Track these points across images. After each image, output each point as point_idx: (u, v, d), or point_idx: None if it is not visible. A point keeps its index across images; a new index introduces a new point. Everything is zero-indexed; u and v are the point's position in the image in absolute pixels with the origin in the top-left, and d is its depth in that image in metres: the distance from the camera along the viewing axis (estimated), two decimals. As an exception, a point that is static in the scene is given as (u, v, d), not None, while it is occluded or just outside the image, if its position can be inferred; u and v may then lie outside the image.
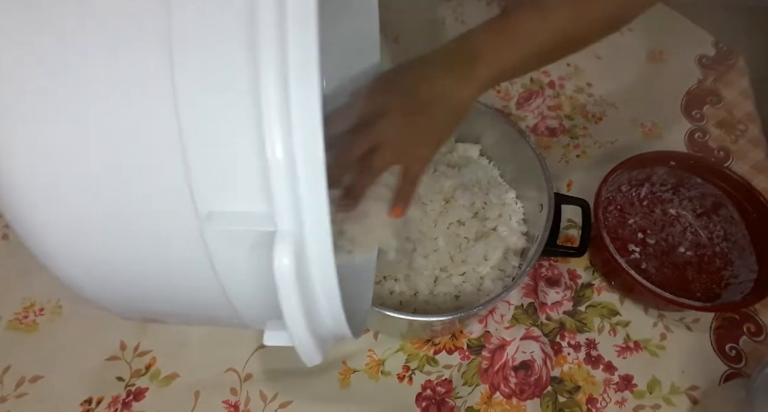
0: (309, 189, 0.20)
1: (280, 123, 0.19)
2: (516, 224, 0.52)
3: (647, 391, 0.48)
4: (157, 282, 0.24)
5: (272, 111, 0.19)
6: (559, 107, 0.67)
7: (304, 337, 0.22)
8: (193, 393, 0.47)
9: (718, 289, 0.52)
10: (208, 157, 0.20)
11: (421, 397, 0.47)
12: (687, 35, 0.72)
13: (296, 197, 0.20)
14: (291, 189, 0.20)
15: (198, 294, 0.24)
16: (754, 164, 0.62)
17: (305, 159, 0.19)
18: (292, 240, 0.20)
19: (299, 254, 0.21)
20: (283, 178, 0.19)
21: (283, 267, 0.20)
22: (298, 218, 0.20)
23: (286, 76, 0.19)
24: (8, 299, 0.51)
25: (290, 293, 0.21)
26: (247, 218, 0.21)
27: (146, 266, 0.23)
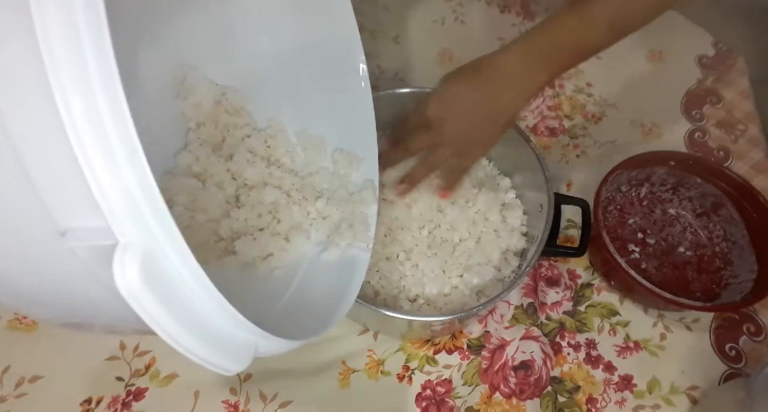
0: (143, 198, 0.19)
1: (93, 139, 0.18)
2: (516, 224, 0.52)
3: (647, 391, 0.48)
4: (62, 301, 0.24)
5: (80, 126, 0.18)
6: (559, 107, 0.67)
7: (191, 346, 0.21)
8: (192, 393, 0.47)
9: (718, 289, 0.52)
10: (47, 176, 0.20)
11: (420, 397, 0.47)
12: (687, 35, 0.72)
13: (134, 209, 0.19)
14: (123, 199, 0.19)
15: (83, 307, 0.24)
16: (754, 164, 0.62)
17: (131, 168, 0.19)
18: (138, 252, 0.19)
19: (156, 265, 0.20)
20: (109, 189, 0.19)
21: (127, 280, 0.19)
22: (146, 229, 0.19)
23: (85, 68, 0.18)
24: (8, 299, 0.51)
25: (147, 305, 0.19)
26: (89, 232, 0.20)
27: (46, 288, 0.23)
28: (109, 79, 0.18)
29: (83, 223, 0.20)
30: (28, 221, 0.21)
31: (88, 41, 0.18)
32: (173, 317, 0.20)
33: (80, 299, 0.24)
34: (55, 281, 0.23)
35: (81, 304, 0.24)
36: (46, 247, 0.21)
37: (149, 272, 0.19)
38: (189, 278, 0.21)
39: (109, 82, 0.18)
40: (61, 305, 0.24)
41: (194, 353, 0.21)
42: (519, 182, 0.54)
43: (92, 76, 0.18)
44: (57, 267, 0.22)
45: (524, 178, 0.53)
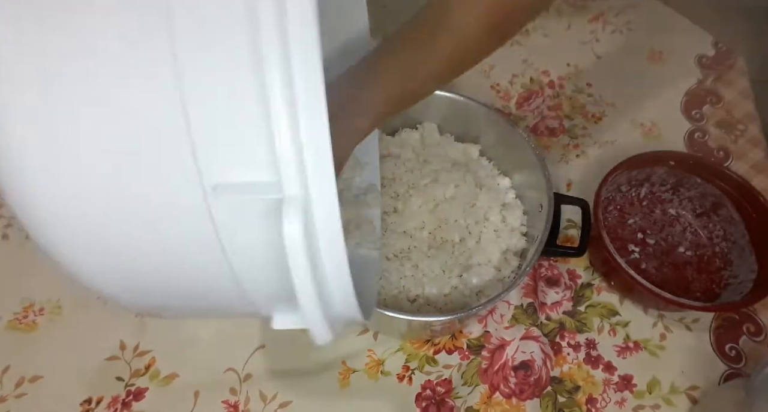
0: (314, 155, 0.20)
1: (282, 93, 0.19)
2: (516, 224, 0.52)
3: (647, 391, 0.48)
4: (163, 264, 0.23)
5: (275, 81, 0.19)
6: (559, 107, 0.67)
7: (314, 310, 0.22)
8: (192, 393, 0.47)
9: (718, 289, 0.52)
10: (212, 129, 0.20)
11: (420, 397, 0.47)
12: (687, 35, 0.72)
13: (302, 164, 0.20)
14: (296, 155, 0.20)
15: (206, 275, 0.24)
16: (754, 164, 0.62)
17: (309, 126, 0.19)
18: (300, 206, 0.20)
19: (307, 223, 0.20)
20: (288, 145, 0.19)
21: (293, 233, 0.20)
22: (304, 186, 0.20)
23: (287, 46, 0.19)
24: (8, 299, 0.51)
25: (300, 261, 0.20)
26: (254, 187, 0.20)
27: (152, 246, 0.23)
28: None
29: (242, 178, 0.20)
30: (176, 176, 0.21)
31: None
32: (311, 276, 0.21)
33: (191, 272, 0.24)
34: (176, 243, 0.22)
35: (190, 275, 0.24)
36: (185, 205, 0.21)
37: (306, 229, 0.20)
38: (327, 241, 0.21)
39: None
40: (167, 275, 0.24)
41: (313, 316, 0.22)
42: (519, 182, 0.54)
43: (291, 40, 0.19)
44: (184, 232, 0.22)
45: (524, 178, 0.53)
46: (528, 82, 0.69)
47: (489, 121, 0.53)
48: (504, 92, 0.68)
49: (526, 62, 0.70)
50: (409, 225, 0.50)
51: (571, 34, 0.73)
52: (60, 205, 0.21)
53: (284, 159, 0.20)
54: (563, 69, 0.70)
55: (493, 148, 0.56)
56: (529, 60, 0.70)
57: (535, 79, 0.69)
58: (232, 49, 0.19)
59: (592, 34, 0.73)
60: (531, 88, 0.68)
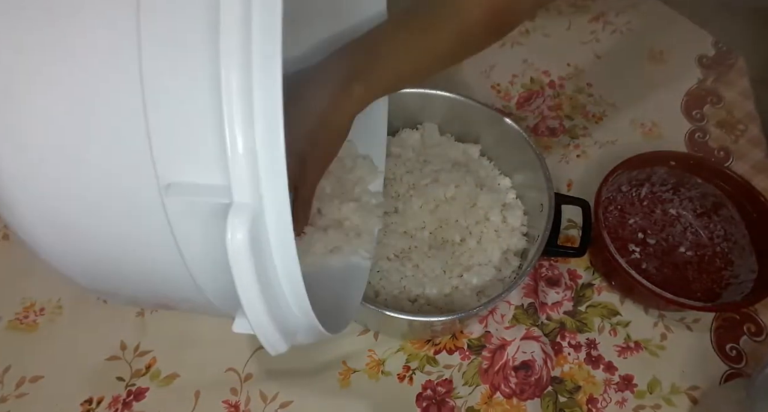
0: (267, 163, 0.19)
1: (238, 97, 0.19)
2: (516, 224, 0.52)
3: (647, 391, 0.48)
4: (121, 253, 0.23)
5: (233, 85, 0.19)
6: (559, 107, 0.67)
7: (261, 320, 0.21)
8: (193, 393, 0.47)
9: (719, 289, 0.52)
10: (169, 128, 0.20)
11: (421, 397, 0.47)
12: (687, 35, 0.72)
13: (255, 171, 0.20)
14: (248, 162, 0.19)
15: (162, 269, 0.24)
16: (754, 164, 0.62)
17: (264, 132, 0.19)
18: (249, 214, 0.20)
19: (257, 232, 0.20)
20: (240, 150, 0.19)
21: (237, 241, 0.19)
22: (256, 193, 0.20)
23: (248, 51, 0.19)
24: (8, 299, 0.51)
25: (244, 269, 0.20)
26: (204, 189, 0.20)
27: (110, 236, 0.23)
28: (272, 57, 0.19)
29: (195, 179, 0.20)
30: (134, 172, 0.21)
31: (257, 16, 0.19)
32: (258, 286, 0.20)
33: (152, 268, 0.24)
34: (136, 240, 0.23)
35: (152, 272, 0.24)
36: (142, 202, 0.21)
37: (253, 235, 0.20)
38: (279, 249, 0.21)
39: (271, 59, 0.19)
40: (130, 269, 0.24)
41: (260, 325, 0.22)
42: (519, 182, 0.54)
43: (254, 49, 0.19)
44: (142, 228, 0.22)
45: (524, 178, 0.53)
46: (528, 82, 0.69)
47: (489, 121, 0.53)
48: (504, 92, 0.68)
49: (526, 62, 0.70)
50: (409, 225, 0.50)
51: (571, 34, 0.73)
52: (22, 188, 0.22)
53: (235, 164, 0.19)
54: (563, 69, 0.70)
55: (494, 149, 0.56)
56: (530, 60, 0.70)
57: (536, 79, 0.69)
58: (194, 48, 0.19)
59: (592, 34, 0.73)
60: (531, 88, 0.68)
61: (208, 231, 0.21)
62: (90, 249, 0.24)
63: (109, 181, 0.21)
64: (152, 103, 0.19)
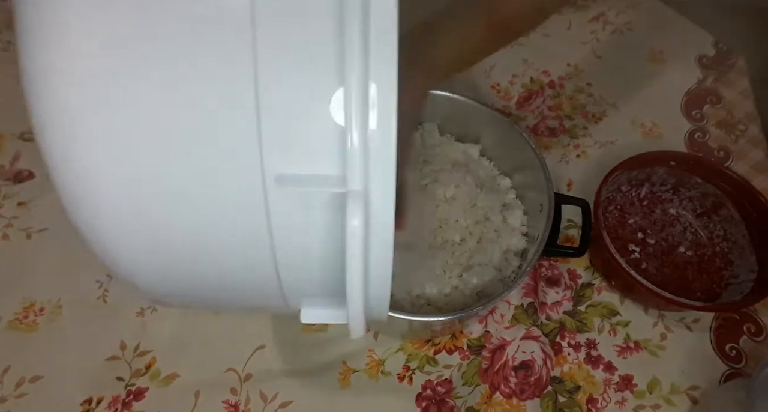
0: (380, 154, 0.20)
1: (357, 91, 0.19)
2: (516, 224, 0.52)
3: (647, 391, 0.48)
4: (206, 250, 0.23)
5: (352, 81, 0.19)
6: (559, 107, 0.67)
7: (359, 305, 0.22)
8: (193, 393, 0.47)
9: (718, 289, 0.52)
10: (281, 120, 0.20)
11: (421, 397, 0.47)
12: (687, 35, 0.72)
13: (367, 162, 0.20)
14: (363, 153, 0.20)
15: (246, 267, 0.24)
16: (754, 164, 0.62)
17: (378, 123, 0.20)
18: (363, 201, 0.20)
19: (367, 219, 0.21)
20: (358, 142, 0.20)
21: (356, 227, 0.20)
22: (365, 182, 0.21)
23: (366, 46, 0.19)
24: (8, 299, 0.51)
25: (358, 255, 0.21)
26: (318, 179, 0.21)
27: (198, 231, 0.23)
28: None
29: (306, 170, 0.21)
30: (237, 162, 0.21)
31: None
32: (364, 272, 0.21)
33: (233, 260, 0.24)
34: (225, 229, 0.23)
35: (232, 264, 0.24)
36: (241, 192, 0.21)
37: (366, 221, 0.21)
38: (378, 237, 0.22)
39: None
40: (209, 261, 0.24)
41: (357, 310, 0.23)
42: (519, 182, 0.54)
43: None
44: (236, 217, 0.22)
45: (524, 178, 0.53)
46: (528, 82, 0.69)
47: (489, 121, 0.53)
48: (504, 92, 0.68)
49: (526, 62, 0.70)
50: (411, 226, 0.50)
51: (571, 34, 0.73)
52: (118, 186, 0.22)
53: (353, 155, 0.20)
54: (563, 69, 0.70)
55: (494, 149, 0.56)
56: (529, 60, 0.70)
57: (536, 79, 0.69)
58: (310, 46, 0.20)
59: (592, 34, 0.73)
60: (531, 88, 0.68)
61: (315, 222, 0.22)
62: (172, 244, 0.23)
63: (213, 168, 0.21)
64: (265, 91, 0.20)
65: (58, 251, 0.53)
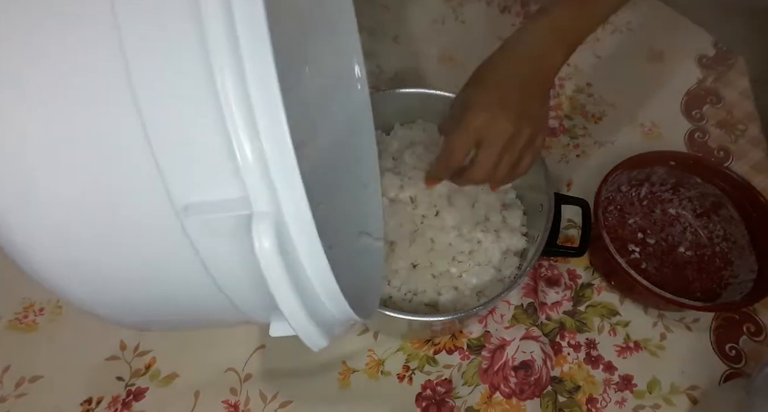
0: (279, 166, 0.20)
1: (237, 106, 0.19)
2: (516, 224, 0.51)
3: (647, 391, 0.48)
4: (148, 285, 0.23)
5: (231, 97, 0.19)
6: (559, 107, 0.67)
7: (300, 319, 0.22)
8: (193, 393, 0.47)
9: (718, 289, 0.52)
10: (175, 150, 0.20)
11: (421, 397, 0.47)
12: (687, 35, 0.72)
13: (267, 176, 0.20)
14: (260, 167, 0.19)
15: (194, 294, 0.24)
16: (754, 164, 0.62)
17: (270, 137, 0.19)
18: (271, 221, 0.20)
19: (282, 236, 0.20)
20: (250, 157, 0.19)
21: (264, 249, 0.20)
22: (274, 199, 0.20)
23: (238, 52, 0.19)
24: (8, 299, 0.51)
25: (276, 274, 0.20)
26: (223, 204, 0.20)
27: (134, 268, 0.23)
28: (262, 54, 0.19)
29: (210, 197, 0.20)
30: (146, 199, 0.21)
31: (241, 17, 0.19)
32: (292, 287, 0.21)
33: (178, 292, 0.24)
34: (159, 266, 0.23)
35: (179, 295, 0.24)
36: (160, 228, 0.21)
37: (280, 240, 0.20)
38: (305, 250, 0.21)
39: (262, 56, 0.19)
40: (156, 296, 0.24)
41: (300, 324, 0.22)
42: (519, 182, 0.54)
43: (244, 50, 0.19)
44: (164, 254, 0.22)
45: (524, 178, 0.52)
46: (528, 82, 0.69)
47: (489, 121, 0.52)
48: (504, 92, 0.68)
49: (526, 62, 0.70)
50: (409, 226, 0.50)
51: (571, 34, 0.73)
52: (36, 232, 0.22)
53: (248, 173, 0.19)
54: (563, 69, 0.69)
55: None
56: (529, 60, 0.70)
57: (535, 79, 0.69)
58: (183, 63, 0.19)
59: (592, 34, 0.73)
60: (531, 88, 0.68)
61: (234, 245, 0.21)
62: (115, 286, 0.23)
63: (123, 213, 0.21)
64: (152, 127, 0.19)
65: (58, 251, 0.53)
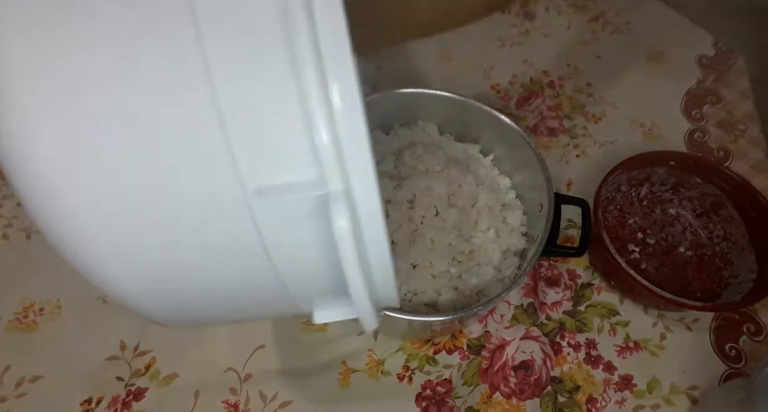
0: (355, 148, 0.20)
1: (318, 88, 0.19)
2: (516, 224, 0.52)
3: (647, 391, 0.48)
4: (205, 276, 0.23)
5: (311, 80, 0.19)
6: (559, 107, 0.67)
7: (364, 299, 0.22)
8: (193, 393, 0.47)
9: (718, 289, 0.52)
10: (249, 133, 0.20)
11: (420, 397, 0.47)
12: (687, 35, 0.72)
13: (341, 157, 0.20)
14: (335, 149, 0.20)
15: (249, 282, 0.24)
16: (754, 164, 0.62)
17: (346, 118, 0.20)
18: (345, 199, 0.20)
19: (353, 214, 0.21)
20: (328, 139, 0.20)
21: (341, 228, 0.20)
22: (345, 178, 0.20)
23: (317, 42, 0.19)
24: (8, 299, 0.51)
25: (351, 253, 0.21)
26: (297, 186, 0.20)
27: (194, 257, 0.22)
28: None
29: (284, 179, 0.20)
30: (214, 183, 0.21)
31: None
32: (361, 268, 0.21)
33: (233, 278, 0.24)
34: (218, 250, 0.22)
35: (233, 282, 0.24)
36: (225, 212, 0.21)
37: (353, 218, 0.20)
38: (371, 233, 0.22)
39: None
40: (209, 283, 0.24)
41: (363, 305, 0.23)
42: (519, 182, 0.54)
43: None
44: (225, 238, 0.22)
45: (524, 178, 0.53)
46: (528, 82, 0.69)
47: (489, 121, 0.53)
48: (504, 92, 0.68)
49: (526, 62, 0.70)
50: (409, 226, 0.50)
51: (571, 34, 0.73)
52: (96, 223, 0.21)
53: (325, 154, 0.20)
54: (563, 69, 0.70)
55: (493, 148, 0.56)
56: (529, 60, 0.70)
57: (535, 79, 0.69)
58: (262, 47, 0.19)
59: (592, 34, 0.73)
60: (531, 88, 0.68)
61: (303, 227, 0.21)
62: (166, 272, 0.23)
63: (187, 196, 0.21)
64: (226, 106, 0.19)
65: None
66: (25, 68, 0.19)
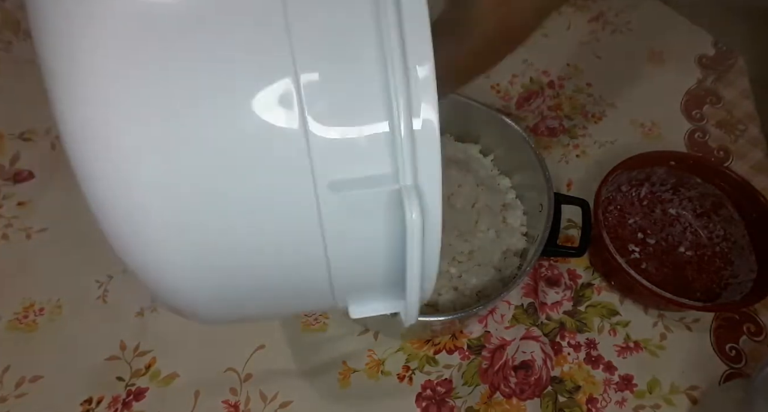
0: (428, 143, 0.21)
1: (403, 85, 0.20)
2: (516, 224, 0.52)
3: (647, 391, 0.48)
4: (260, 268, 0.23)
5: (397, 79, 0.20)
6: (559, 107, 0.67)
7: (416, 294, 0.23)
8: (193, 393, 0.47)
9: (718, 289, 0.52)
10: (330, 127, 0.20)
11: (421, 397, 0.47)
12: (687, 35, 0.72)
13: (414, 154, 0.21)
14: (411, 147, 0.20)
15: (301, 277, 0.24)
16: (754, 164, 0.62)
17: (422, 116, 0.20)
18: (416, 194, 0.21)
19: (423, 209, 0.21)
20: (406, 137, 0.20)
21: (413, 221, 0.20)
22: (415, 175, 0.21)
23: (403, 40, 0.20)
24: (8, 299, 0.51)
25: (417, 248, 0.21)
26: (371, 180, 0.21)
27: (253, 249, 0.22)
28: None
29: (357, 173, 0.21)
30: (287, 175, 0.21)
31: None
32: (422, 262, 0.22)
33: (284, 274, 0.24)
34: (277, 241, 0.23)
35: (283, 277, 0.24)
36: (293, 203, 0.21)
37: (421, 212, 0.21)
38: (430, 227, 0.22)
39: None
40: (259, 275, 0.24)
41: (414, 300, 0.23)
42: (519, 182, 0.54)
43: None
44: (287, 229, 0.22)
45: (524, 178, 0.53)
46: (528, 82, 0.69)
47: (489, 121, 0.53)
48: (504, 92, 0.68)
49: (526, 62, 0.70)
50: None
51: (571, 34, 0.73)
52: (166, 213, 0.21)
53: (402, 150, 0.20)
54: (563, 69, 0.70)
55: (493, 149, 0.56)
56: (529, 60, 0.70)
57: (535, 79, 0.69)
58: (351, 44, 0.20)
59: (592, 34, 0.73)
60: (531, 88, 0.68)
61: (371, 221, 0.22)
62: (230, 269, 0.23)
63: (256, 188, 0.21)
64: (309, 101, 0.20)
65: (58, 251, 0.53)
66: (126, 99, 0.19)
